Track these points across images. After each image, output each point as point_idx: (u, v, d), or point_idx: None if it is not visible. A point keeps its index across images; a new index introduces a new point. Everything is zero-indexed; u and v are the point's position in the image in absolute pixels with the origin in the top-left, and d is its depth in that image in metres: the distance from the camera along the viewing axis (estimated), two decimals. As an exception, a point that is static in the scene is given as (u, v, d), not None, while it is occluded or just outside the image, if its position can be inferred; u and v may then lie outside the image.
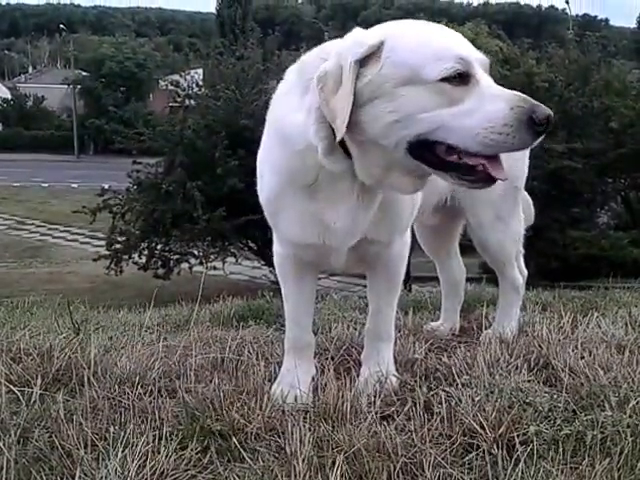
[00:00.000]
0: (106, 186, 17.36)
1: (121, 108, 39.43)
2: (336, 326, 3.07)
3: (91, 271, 18.34)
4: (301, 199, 2.08)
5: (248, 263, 18.19)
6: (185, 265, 15.53)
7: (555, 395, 2.16)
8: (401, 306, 3.07)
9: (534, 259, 11.92)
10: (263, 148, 2.21)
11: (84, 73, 51.17)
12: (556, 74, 17.14)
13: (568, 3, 56.11)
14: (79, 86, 49.17)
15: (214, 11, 50.85)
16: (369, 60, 1.85)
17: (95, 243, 22.17)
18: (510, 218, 2.93)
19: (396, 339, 2.59)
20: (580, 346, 2.63)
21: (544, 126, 1.78)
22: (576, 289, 6.58)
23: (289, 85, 2.08)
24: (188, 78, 18.35)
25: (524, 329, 3.00)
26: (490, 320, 3.18)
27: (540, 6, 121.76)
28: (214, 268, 15.12)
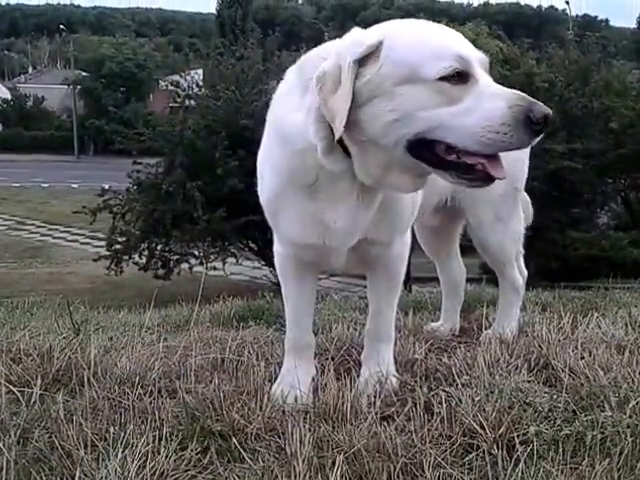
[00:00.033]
0: (106, 186, 17.38)
1: (121, 108, 39.43)
2: (336, 326, 3.06)
3: (91, 271, 18.37)
4: (301, 199, 2.08)
5: (248, 263, 18.20)
6: (185, 265, 15.55)
7: (555, 395, 2.16)
8: (401, 306, 3.07)
9: (534, 259, 11.93)
10: (263, 149, 2.21)
11: (84, 73, 51.18)
12: (556, 74, 17.18)
13: (568, 3, 56.24)
14: (79, 86, 49.19)
15: (214, 12, 51.02)
16: (368, 60, 1.85)
17: (95, 243, 22.18)
18: (510, 219, 2.93)
19: (396, 339, 2.59)
20: (580, 346, 2.63)
21: (542, 125, 1.77)
22: (576, 289, 6.58)
23: (289, 85, 2.07)
24: (188, 78, 18.38)
25: (524, 329, 2.99)
26: (490, 320, 3.18)
27: (540, 6, 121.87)
28: (214, 268, 15.14)
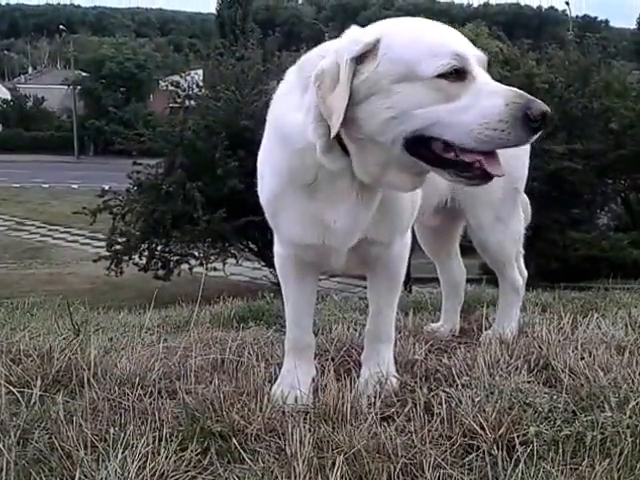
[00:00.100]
0: (106, 187, 17.35)
1: (121, 109, 39.37)
2: (336, 327, 3.06)
3: (91, 272, 18.36)
4: (301, 199, 2.08)
5: (248, 264, 18.18)
6: (185, 266, 15.55)
7: (555, 396, 2.16)
8: (401, 307, 3.07)
9: (534, 260, 11.92)
10: (263, 149, 2.21)
11: (84, 74, 51.17)
12: (556, 75, 17.18)
13: (568, 4, 56.27)
14: (79, 87, 49.20)
15: (214, 12, 51.08)
16: (365, 57, 1.85)
17: (95, 244, 22.17)
18: (510, 219, 2.93)
19: (396, 340, 2.59)
20: (580, 347, 2.63)
21: (540, 122, 1.77)
22: (576, 290, 6.56)
23: (289, 85, 2.08)
24: (188, 79, 18.38)
25: (524, 330, 2.99)
26: (490, 321, 3.18)
27: (540, 7, 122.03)
28: (214, 269, 15.13)
